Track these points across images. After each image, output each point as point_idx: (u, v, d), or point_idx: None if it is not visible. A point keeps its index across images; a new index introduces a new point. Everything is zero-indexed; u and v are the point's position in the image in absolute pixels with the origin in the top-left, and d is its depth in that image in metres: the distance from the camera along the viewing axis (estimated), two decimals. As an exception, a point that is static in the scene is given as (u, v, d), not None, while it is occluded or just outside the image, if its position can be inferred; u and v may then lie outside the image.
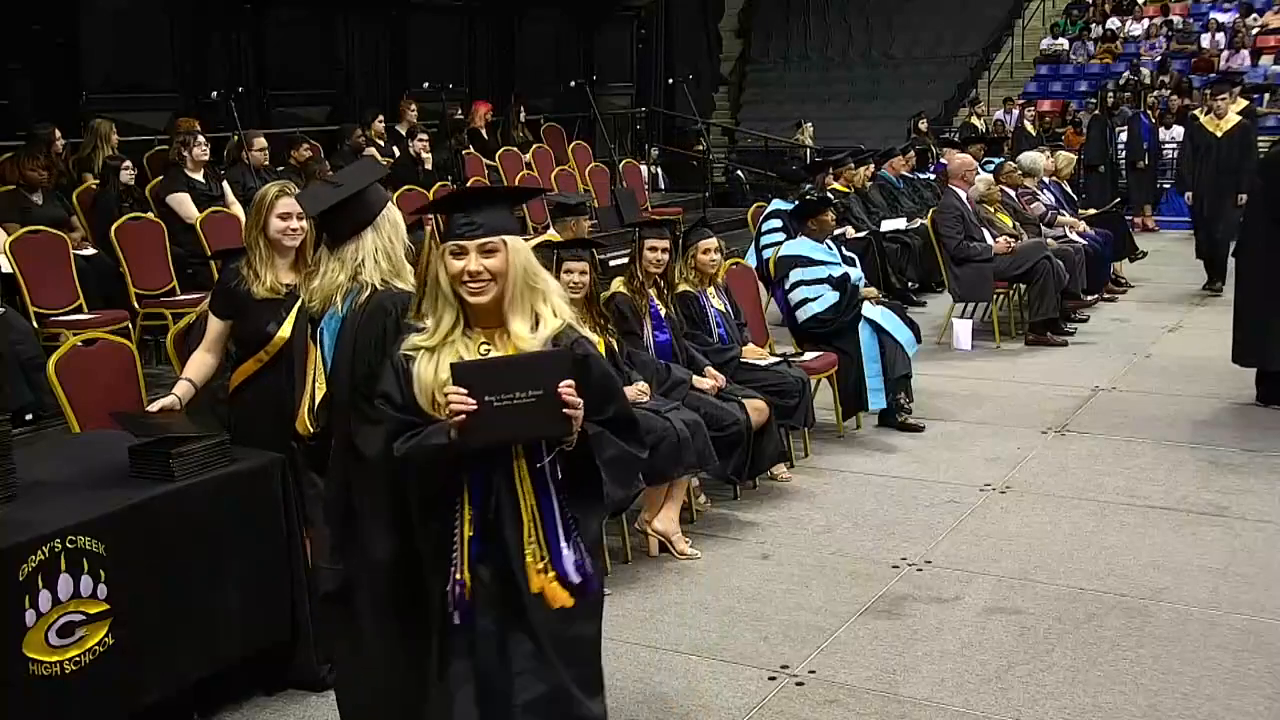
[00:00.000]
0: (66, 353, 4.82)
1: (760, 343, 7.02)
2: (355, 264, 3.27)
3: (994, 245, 9.64)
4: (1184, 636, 4.65)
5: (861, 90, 21.95)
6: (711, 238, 6.53)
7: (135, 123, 11.09)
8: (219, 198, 8.89)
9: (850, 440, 7.28)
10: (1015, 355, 9.40)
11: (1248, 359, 7.78)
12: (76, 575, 3.54)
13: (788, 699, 4.27)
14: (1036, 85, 21.70)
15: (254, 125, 10.81)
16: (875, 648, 4.63)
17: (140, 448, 4.06)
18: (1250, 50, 20.27)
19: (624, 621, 4.91)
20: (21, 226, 7.74)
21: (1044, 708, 4.15)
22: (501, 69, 15.89)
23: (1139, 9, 22.56)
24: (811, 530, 5.88)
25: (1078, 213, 11.57)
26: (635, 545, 5.62)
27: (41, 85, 10.92)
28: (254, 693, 4.27)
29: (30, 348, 6.49)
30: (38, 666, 3.45)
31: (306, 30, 13.44)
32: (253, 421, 4.30)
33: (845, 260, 7.68)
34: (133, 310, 7.97)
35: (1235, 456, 6.80)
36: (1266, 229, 7.66)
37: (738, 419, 5.87)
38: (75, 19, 11.08)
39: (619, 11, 17.82)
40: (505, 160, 12.77)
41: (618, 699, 4.28)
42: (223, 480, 4.03)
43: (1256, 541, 5.59)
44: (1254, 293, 7.69)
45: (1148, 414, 7.66)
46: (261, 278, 4.36)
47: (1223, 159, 11.18)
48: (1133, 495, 6.22)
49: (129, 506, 3.76)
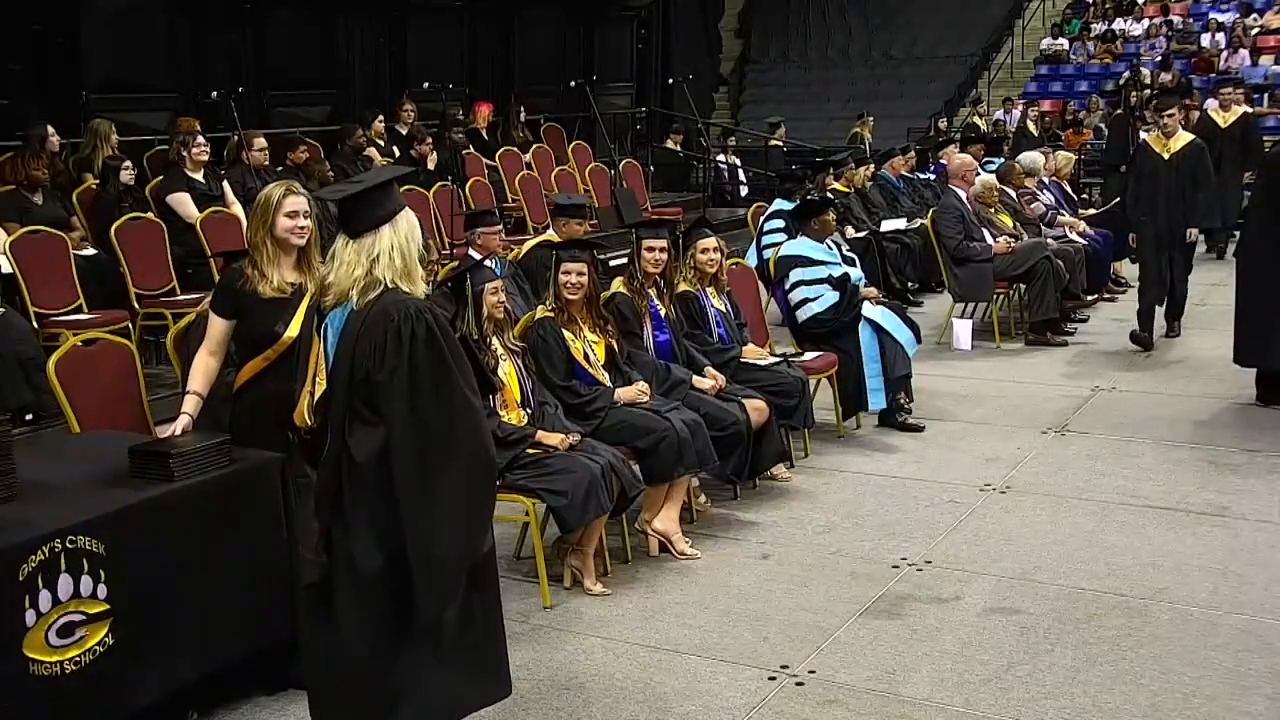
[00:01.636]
0: (66, 353, 4.82)
1: (760, 343, 7.03)
2: (371, 257, 3.27)
3: (994, 245, 9.65)
4: (1184, 636, 4.66)
5: (861, 90, 21.94)
6: (711, 237, 6.54)
7: (135, 123, 11.07)
8: (219, 198, 8.89)
9: (850, 440, 7.28)
10: (1015, 355, 9.40)
11: (1248, 359, 7.78)
12: (76, 575, 3.54)
13: (788, 699, 4.27)
14: (1036, 85, 21.71)
15: (254, 125, 10.79)
16: (875, 648, 4.63)
17: (140, 448, 4.06)
18: (1250, 50, 20.27)
19: (624, 621, 4.91)
20: (21, 226, 7.73)
21: (1044, 708, 4.15)
22: (501, 69, 15.88)
23: (1139, 9, 22.56)
24: (811, 530, 5.88)
25: (1078, 213, 11.57)
26: (635, 545, 5.62)
27: (41, 85, 10.91)
28: (254, 693, 4.27)
29: (30, 348, 6.48)
30: (38, 666, 3.45)
31: (306, 30, 13.42)
32: (256, 421, 4.30)
33: (845, 260, 7.68)
34: (133, 310, 7.96)
35: (1235, 456, 6.80)
36: (1267, 229, 7.66)
37: (738, 419, 5.87)
38: (75, 19, 11.06)
39: (619, 11, 17.80)
40: (505, 160, 12.77)
41: (618, 699, 4.29)
42: (223, 480, 4.03)
43: (1256, 541, 5.59)
44: (1254, 293, 7.69)
45: (1148, 414, 7.66)
46: (269, 277, 4.36)
47: (1172, 185, 9.34)
48: (1133, 495, 6.22)
49: (129, 506, 3.76)
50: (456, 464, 3.23)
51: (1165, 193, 9.28)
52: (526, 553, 5.47)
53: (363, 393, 3.27)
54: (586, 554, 5.22)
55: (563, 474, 4.95)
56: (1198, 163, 9.35)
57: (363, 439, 3.25)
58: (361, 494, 3.27)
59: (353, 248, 3.32)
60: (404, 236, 3.31)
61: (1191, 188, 9.28)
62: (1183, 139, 9.43)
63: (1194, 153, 9.38)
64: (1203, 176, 9.34)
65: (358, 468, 3.26)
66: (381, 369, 3.21)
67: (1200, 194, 9.33)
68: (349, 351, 3.27)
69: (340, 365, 3.30)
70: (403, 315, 3.22)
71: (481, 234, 7.03)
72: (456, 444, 3.23)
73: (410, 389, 3.20)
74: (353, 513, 3.29)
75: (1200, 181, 9.31)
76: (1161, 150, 9.39)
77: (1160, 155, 9.37)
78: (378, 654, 3.33)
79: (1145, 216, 9.34)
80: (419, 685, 3.35)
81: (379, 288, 3.27)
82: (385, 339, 3.20)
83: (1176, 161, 9.32)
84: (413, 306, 3.25)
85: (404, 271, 3.30)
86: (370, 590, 3.31)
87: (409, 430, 3.20)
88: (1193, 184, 9.28)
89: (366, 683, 3.36)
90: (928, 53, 22.58)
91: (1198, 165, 9.34)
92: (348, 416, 3.29)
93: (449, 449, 3.22)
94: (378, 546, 3.27)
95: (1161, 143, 9.42)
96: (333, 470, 3.32)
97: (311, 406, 3.40)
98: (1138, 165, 9.71)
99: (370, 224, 3.31)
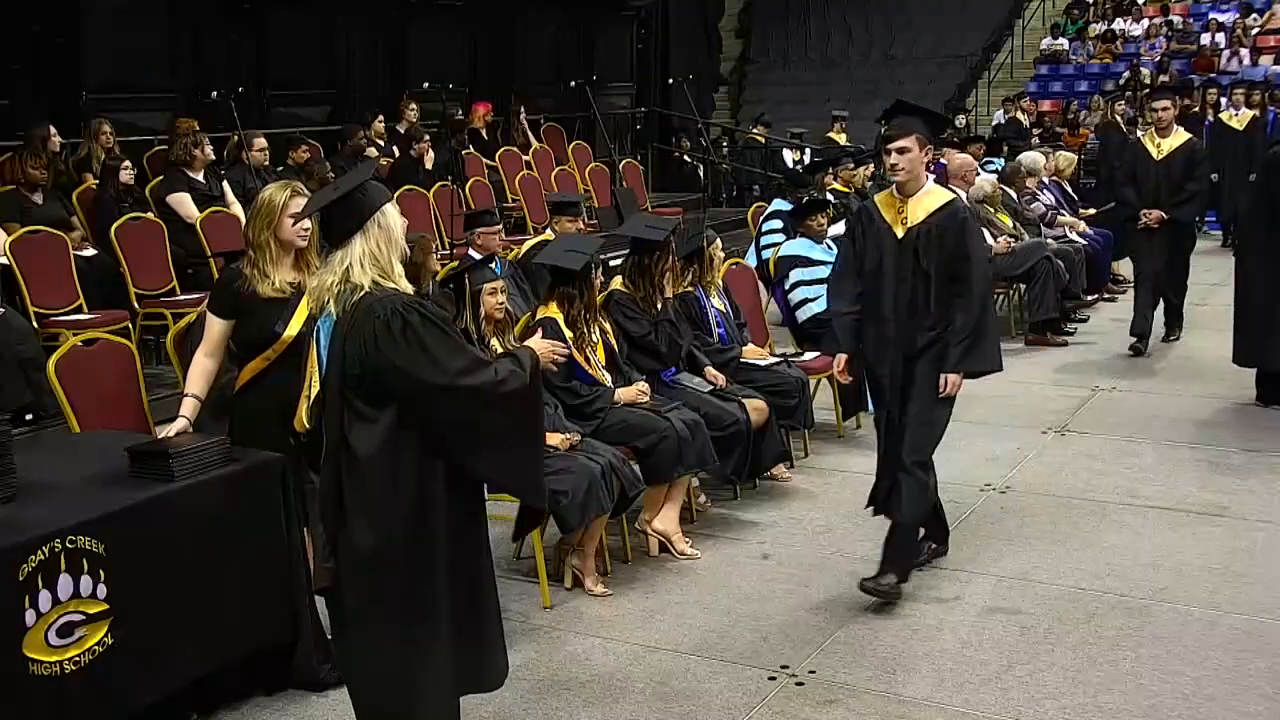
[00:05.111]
0: (66, 353, 4.82)
1: (760, 343, 7.03)
2: (343, 268, 3.32)
3: (994, 245, 9.64)
4: (1184, 636, 4.66)
5: (861, 90, 21.92)
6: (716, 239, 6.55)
7: (135, 123, 11.08)
8: (219, 198, 8.89)
9: (850, 440, 7.28)
10: (1015, 355, 9.37)
11: (1248, 359, 7.78)
12: (76, 575, 3.54)
13: (788, 699, 4.27)
14: (1036, 85, 21.69)
15: (254, 125, 10.80)
16: (875, 648, 4.63)
17: (140, 448, 4.06)
18: (1250, 50, 20.26)
19: (624, 621, 4.91)
20: (21, 226, 7.73)
21: (1044, 708, 4.16)
22: (501, 69, 15.88)
23: (1139, 9, 22.55)
24: (811, 530, 5.88)
25: (1078, 213, 11.57)
26: (635, 545, 5.62)
27: (41, 85, 10.91)
28: (254, 693, 4.27)
29: (30, 348, 6.48)
30: (38, 666, 3.45)
31: (306, 30, 13.43)
32: (258, 420, 4.30)
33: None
34: (133, 310, 7.96)
35: (1235, 456, 6.80)
36: (1266, 229, 7.66)
37: (738, 419, 5.87)
38: (75, 19, 11.06)
39: (619, 11, 17.81)
40: (505, 160, 12.77)
41: (618, 699, 4.29)
42: (223, 480, 4.03)
43: (1256, 541, 5.59)
44: (1254, 293, 7.69)
45: (1148, 414, 7.66)
46: (270, 278, 4.37)
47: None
48: (1133, 495, 6.22)
49: (129, 506, 3.76)
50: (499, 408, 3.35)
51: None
52: (526, 553, 5.47)
53: (359, 389, 3.28)
54: (587, 554, 5.22)
55: (563, 474, 4.95)
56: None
57: (363, 435, 3.28)
58: (361, 489, 3.30)
59: (327, 260, 3.40)
60: (375, 242, 3.33)
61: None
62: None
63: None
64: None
65: (361, 463, 3.29)
66: (380, 358, 3.23)
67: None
68: (339, 353, 3.30)
69: (332, 367, 3.33)
70: (389, 310, 3.25)
71: (481, 234, 7.03)
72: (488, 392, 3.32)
73: (427, 364, 3.24)
74: (353, 506, 3.31)
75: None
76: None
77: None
78: (390, 644, 3.37)
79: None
80: (430, 669, 3.40)
81: (359, 291, 3.29)
82: (374, 334, 3.23)
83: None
84: (400, 300, 3.29)
85: (382, 274, 3.33)
86: (374, 575, 3.34)
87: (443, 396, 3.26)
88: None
89: (384, 670, 3.40)
90: (928, 53, 22.55)
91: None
92: (345, 416, 3.31)
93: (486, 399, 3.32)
94: (371, 528, 3.31)
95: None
96: (332, 473, 3.35)
97: (307, 411, 3.42)
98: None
99: (342, 235, 3.35)
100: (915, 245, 4.94)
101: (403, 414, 3.29)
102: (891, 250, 4.98)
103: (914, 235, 4.94)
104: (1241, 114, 13.73)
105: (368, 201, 3.37)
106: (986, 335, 4.95)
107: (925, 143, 4.89)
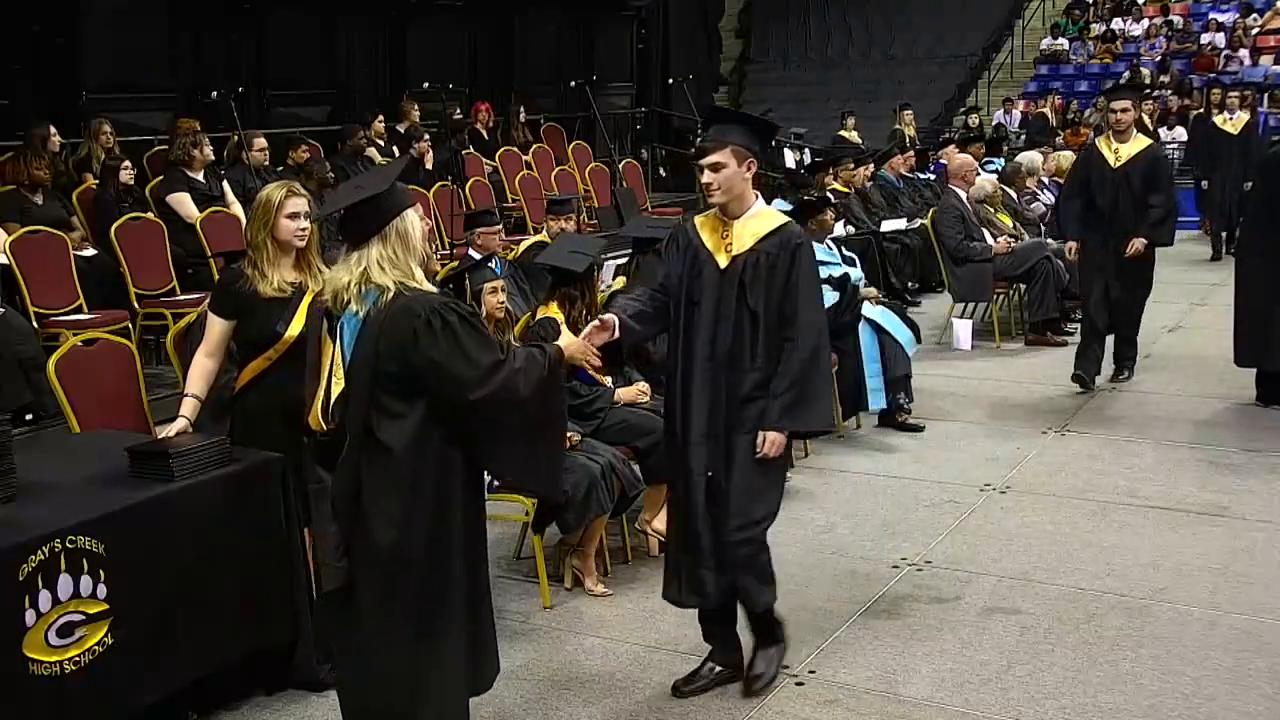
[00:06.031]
0: (66, 353, 4.82)
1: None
2: (360, 269, 3.32)
3: (994, 245, 9.65)
4: (1184, 636, 4.66)
5: (861, 90, 21.93)
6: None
7: (135, 123, 11.09)
8: (219, 198, 8.89)
9: (850, 440, 7.28)
10: (1015, 355, 9.40)
11: (1248, 359, 7.78)
12: (76, 575, 3.54)
13: (788, 699, 4.27)
14: (1036, 85, 21.69)
15: (254, 125, 10.82)
16: (875, 648, 4.63)
17: (140, 448, 4.06)
18: (1250, 50, 20.26)
19: (624, 621, 4.91)
20: (21, 226, 7.73)
21: (1044, 708, 4.15)
22: (501, 69, 15.89)
23: (1139, 9, 22.55)
24: (811, 530, 5.88)
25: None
26: (635, 545, 5.62)
27: (41, 85, 10.92)
28: (254, 693, 4.27)
29: (30, 348, 6.48)
30: (38, 666, 3.45)
31: (306, 30, 13.44)
32: (259, 420, 4.31)
33: (845, 260, 7.68)
34: (133, 310, 7.96)
35: (1235, 456, 6.80)
36: (1266, 229, 7.66)
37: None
38: (75, 19, 11.07)
39: (619, 11, 17.82)
40: (505, 160, 12.77)
41: (618, 698, 4.29)
42: (223, 480, 4.03)
43: (1256, 541, 5.58)
44: (1254, 293, 7.68)
45: (1148, 414, 7.66)
46: (269, 278, 4.36)
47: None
48: (1132, 495, 6.22)
49: (129, 506, 3.76)
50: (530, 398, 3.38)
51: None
52: (526, 553, 5.47)
53: (389, 386, 3.29)
54: (587, 554, 5.22)
55: (563, 474, 4.94)
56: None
57: (394, 430, 3.29)
58: (385, 486, 3.31)
59: (345, 258, 3.40)
60: (393, 248, 3.34)
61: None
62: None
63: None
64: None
65: (388, 458, 3.29)
66: (418, 355, 3.25)
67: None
68: (371, 351, 3.29)
69: (361, 367, 3.32)
70: (429, 309, 3.27)
71: (481, 234, 7.03)
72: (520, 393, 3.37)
73: (462, 360, 3.26)
74: (372, 503, 3.31)
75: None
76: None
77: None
78: (402, 643, 3.37)
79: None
80: (442, 669, 3.41)
81: (390, 292, 3.29)
82: (414, 333, 3.25)
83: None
84: (437, 300, 3.32)
85: (402, 276, 3.33)
86: (391, 573, 3.34)
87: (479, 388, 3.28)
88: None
89: (395, 669, 3.40)
90: (928, 53, 22.56)
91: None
92: (373, 415, 3.31)
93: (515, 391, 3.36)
94: (392, 524, 3.31)
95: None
96: (351, 472, 3.34)
97: (326, 408, 3.41)
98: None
99: (360, 236, 3.35)
100: (741, 278, 4.09)
101: (432, 410, 3.30)
102: (712, 283, 4.11)
103: (739, 267, 4.09)
104: (1236, 118, 13.58)
105: (390, 205, 3.37)
106: (814, 388, 4.12)
107: (746, 156, 4.08)
